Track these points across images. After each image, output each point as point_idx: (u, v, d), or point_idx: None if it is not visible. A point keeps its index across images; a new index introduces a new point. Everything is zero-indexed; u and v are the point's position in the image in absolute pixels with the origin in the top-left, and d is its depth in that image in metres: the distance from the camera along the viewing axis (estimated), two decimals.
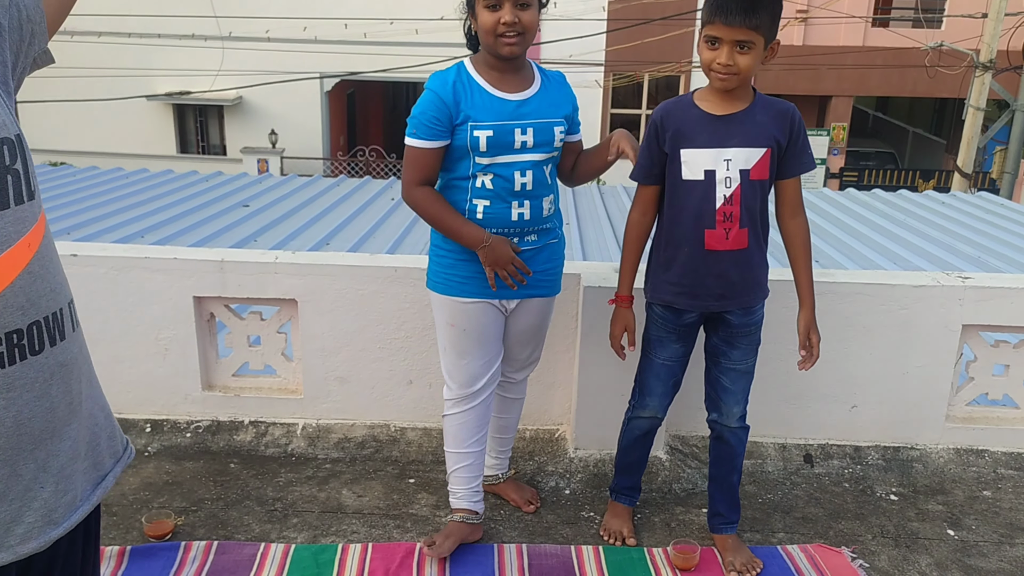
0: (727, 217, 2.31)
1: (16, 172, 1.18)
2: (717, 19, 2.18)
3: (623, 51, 15.73)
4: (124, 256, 3.19)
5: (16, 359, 1.15)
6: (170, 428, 3.27)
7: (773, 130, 2.31)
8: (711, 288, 2.39)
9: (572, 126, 2.51)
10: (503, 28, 2.23)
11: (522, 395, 2.83)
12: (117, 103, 16.56)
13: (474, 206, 2.38)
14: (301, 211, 6.67)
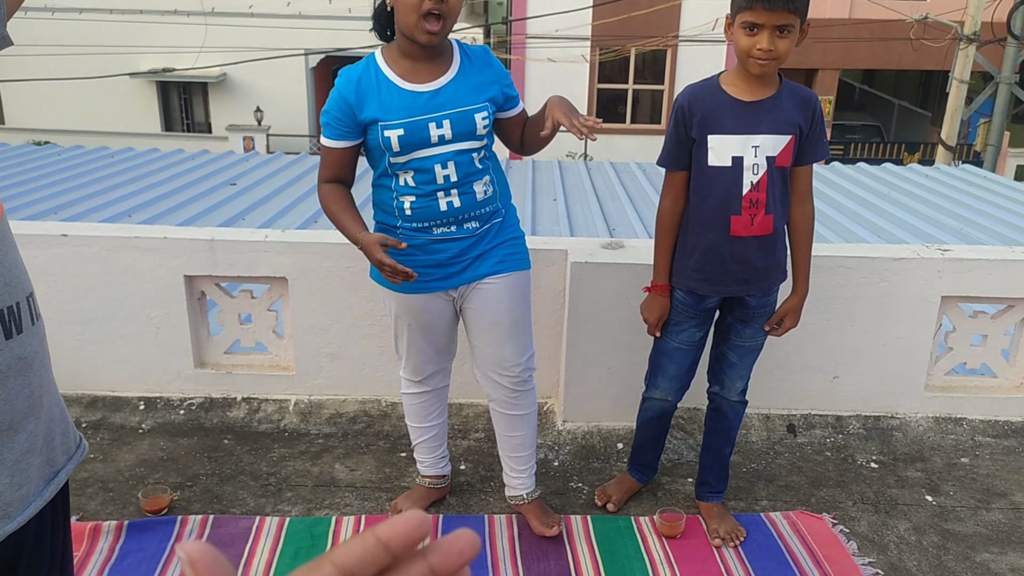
0: (753, 203, 2.30)
1: None
2: (759, 4, 2.12)
3: (609, 26, 15.67)
4: (114, 236, 3.21)
5: None
6: (163, 405, 3.31)
7: (797, 117, 2.30)
8: (734, 273, 2.39)
9: (506, 103, 2.32)
10: (429, 5, 2.03)
11: (528, 409, 2.55)
12: (100, 81, 16.40)
13: (401, 203, 2.28)
14: (288, 189, 6.66)
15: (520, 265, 2.41)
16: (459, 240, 2.31)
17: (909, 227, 5.72)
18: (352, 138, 2.25)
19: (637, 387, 3.12)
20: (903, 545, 2.66)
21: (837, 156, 17.25)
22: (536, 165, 7.64)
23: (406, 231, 2.31)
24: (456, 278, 2.35)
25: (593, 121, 2.08)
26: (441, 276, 2.34)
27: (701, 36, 15.60)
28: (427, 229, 2.29)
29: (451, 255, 2.32)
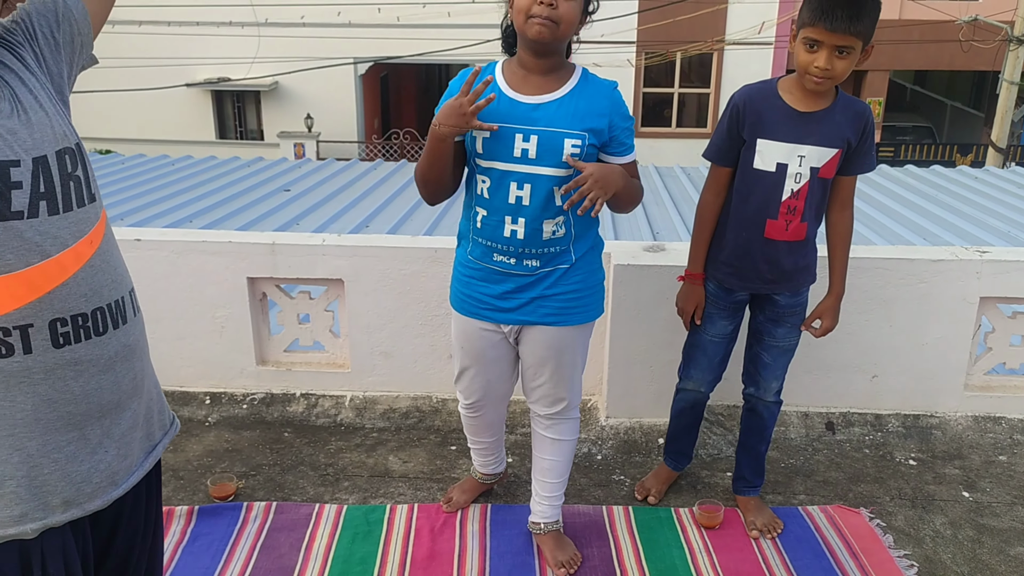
0: (791, 210, 2.37)
1: (77, 178, 1.35)
2: (820, 23, 2.15)
3: (655, 30, 15.72)
4: (183, 240, 3.41)
5: (82, 338, 1.33)
6: (228, 400, 3.51)
7: (847, 131, 2.33)
8: (763, 273, 2.47)
9: (611, 143, 2.19)
10: (539, 9, 2.00)
11: (563, 437, 2.52)
12: (158, 91, 16.93)
13: (475, 213, 2.25)
14: (340, 194, 6.89)
15: (581, 319, 2.34)
16: (515, 276, 2.25)
17: (955, 229, 5.72)
18: None
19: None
20: (939, 539, 2.73)
21: (887, 158, 17.06)
22: None
23: (474, 251, 2.30)
24: (509, 315, 2.30)
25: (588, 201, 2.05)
26: (494, 307, 2.31)
27: (747, 39, 15.57)
28: (489, 252, 2.25)
29: (507, 289, 2.27)
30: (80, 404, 1.35)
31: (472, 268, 2.32)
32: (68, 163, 1.34)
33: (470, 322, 2.38)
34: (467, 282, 2.34)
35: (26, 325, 1.27)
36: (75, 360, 1.33)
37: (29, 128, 1.30)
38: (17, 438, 1.31)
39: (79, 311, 1.33)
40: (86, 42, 1.51)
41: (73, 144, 1.38)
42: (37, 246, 1.27)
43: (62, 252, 1.30)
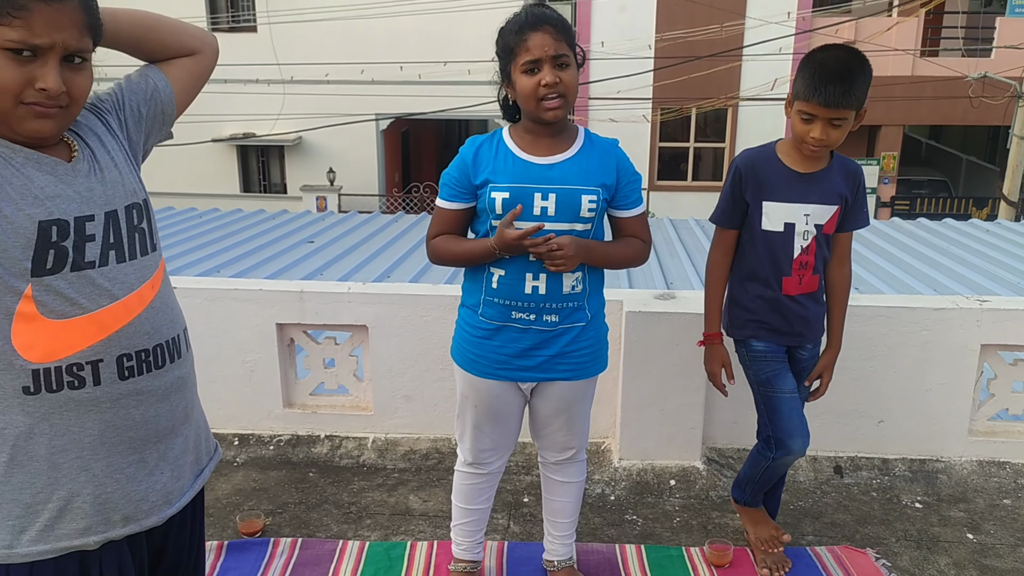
0: (803, 266, 2.51)
1: (143, 230, 1.53)
2: (815, 100, 2.29)
3: (670, 86, 16.07)
4: (216, 288, 3.60)
5: (144, 371, 1.50)
6: (255, 441, 3.65)
7: (843, 189, 2.50)
8: (793, 326, 2.58)
9: (620, 198, 2.31)
10: (544, 90, 2.14)
11: (573, 479, 2.60)
12: (185, 146, 17.40)
13: (491, 274, 2.29)
14: (363, 246, 7.09)
15: (596, 371, 2.44)
16: (535, 332, 2.30)
17: (963, 279, 5.83)
18: (465, 200, 2.30)
19: (688, 428, 3.36)
20: None
21: (903, 211, 17.19)
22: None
23: (487, 311, 2.32)
24: (529, 372, 2.35)
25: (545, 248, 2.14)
26: (514, 366, 2.34)
27: (760, 95, 15.86)
28: (507, 310, 2.29)
29: (526, 347, 2.32)
30: (140, 429, 1.51)
31: (486, 328, 2.33)
32: (135, 216, 1.52)
33: (485, 382, 2.38)
34: (480, 342, 2.35)
35: (97, 360, 1.44)
36: (137, 390, 1.49)
37: (103, 185, 1.48)
38: (85, 459, 1.46)
39: (142, 347, 1.49)
40: (167, 121, 1.72)
41: (141, 200, 1.56)
42: (107, 291, 1.44)
43: (128, 295, 1.47)
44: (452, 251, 2.32)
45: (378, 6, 16.54)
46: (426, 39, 17.10)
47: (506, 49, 2.21)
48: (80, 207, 1.43)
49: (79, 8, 1.39)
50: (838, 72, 2.28)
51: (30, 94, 1.35)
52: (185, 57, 1.73)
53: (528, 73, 2.16)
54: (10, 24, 1.31)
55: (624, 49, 15.94)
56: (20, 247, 1.36)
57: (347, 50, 17.35)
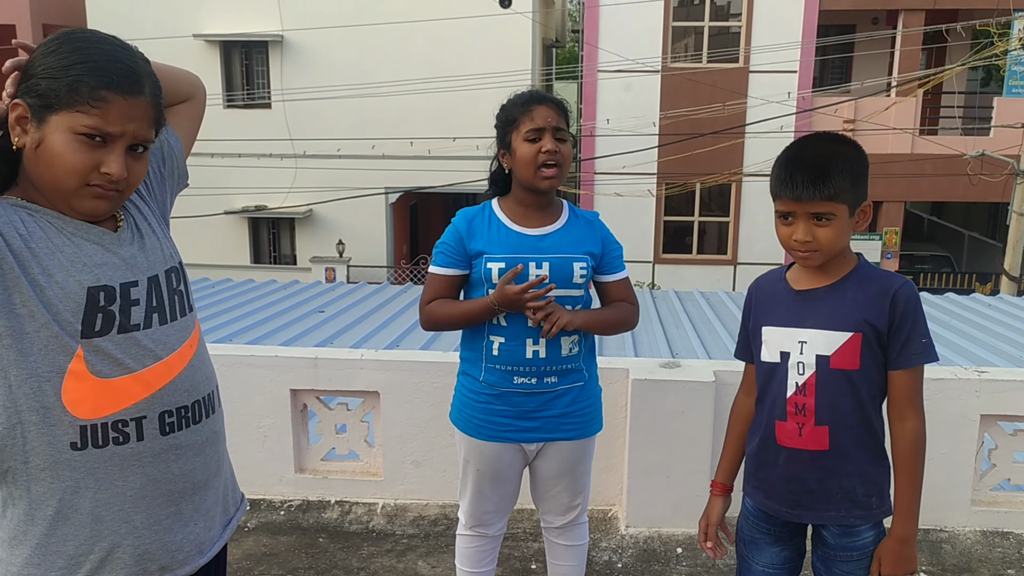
0: (799, 409, 1.96)
1: (181, 292, 1.64)
2: (785, 194, 1.90)
3: (674, 162, 16.40)
4: (233, 354, 3.70)
5: (183, 427, 1.59)
6: (267, 507, 3.70)
7: (865, 311, 1.91)
8: (784, 492, 2.01)
9: (604, 264, 2.46)
10: (544, 156, 2.29)
11: (577, 542, 2.64)
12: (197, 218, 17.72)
13: (490, 343, 2.38)
14: (372, 316, 7.20)
15: (595, 430, 2.53)
16: (537, 394, 2.39)
17: (965, 352, 5.90)
18: (459, 267, 2.41)
19: (694, 495, 3.40)
20: None
21: None
22: None
23: (488, 377, 2.40)
24: (532, 434, 2.42)
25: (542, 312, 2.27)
26: (517, 428, 2.41)
27: (763, 172, 16.16)
28: (508, 376, 2.38)
29: (528, 409, 2.39)
30: (178, 483, 1.59)
31: (488, 394, 2.41)
32: (174, 280, 1.63)
33: (490, 445, 2.44)
34: (483, 407, 2.42)
35: (141, 417, 1.52)
36: (177, 445, 1.58)
37: (144, 252, 1.60)
38: (127, 512, 1.53)
39: (182, 404, 1.58)
40: (182, 172, 1.83)
41: (177, 263, 1.67)
42: (151, 351, 1.54)
43: (170, 355, 1.57)
44: (449, 313, 2.41)
45: (390, 84, 17.06)
46: (435, 116, 17.57)
47: (508, 120, 2.38)
48: (124, 274, 1.53)
49: (151, 104, 1.50)
50: (810, 160, 1.89)
51: (94, 176, 1.46)
52: (182, 104, 1.82)
53: (530, 141, 2.32)
54: (88, 112, 1.43)
55: (629, 126, 16.33)
56: (71, 311, 1.46)
57: (358, 126, 17.81)
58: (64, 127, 1.43)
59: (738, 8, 17.11)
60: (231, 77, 18.95)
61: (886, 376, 1.93)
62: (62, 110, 1.42)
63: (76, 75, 1.42)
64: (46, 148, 1.44)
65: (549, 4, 20.32)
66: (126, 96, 1.45)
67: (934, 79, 15.09)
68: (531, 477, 2.59)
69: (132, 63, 1.48)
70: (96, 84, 1.43)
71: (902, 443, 1.94)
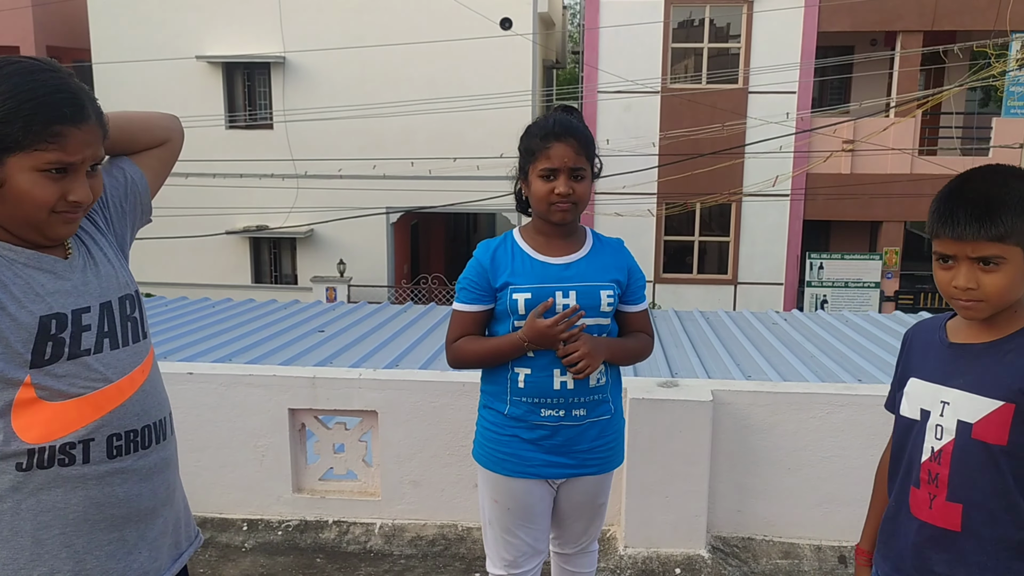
0: (932, 478, 1.70)
1: (135, 319, 1.64)
2: (943, 232, 1.63)
3: (674, 182, 16.45)
4: (231, 374, 3.70)
5: (131, 451, 1.57)
6: (264, 527, 3.69)
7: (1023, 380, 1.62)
8: (910, 567, 1.77)
9: (628, 294, 2.40)
10: (556, 198, 2.25)
11: (587, 569, 2.61)
12: (198, 238, 17.78)
13: (515, 375, 2.31)
14: (373, 335, 7.20)
15: (617, 462, 2.48)
16: (565, 427, 2.31)
17: None
18: (485, 302, 2.34)
19: (692, 515, 3.40)
20: None
21: (907, 305, 17.31)
22: None
23: (514, 411, 2.33)
24: (562, 469, 2.35)
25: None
26: (546, 463, 2.34)
27: (763, 191, 16.22)
28: (535, 408, 2.30)
29: (557, 443, 2.32)
30: (122, 507, 1.56)
31: (513, 428, 2.33)
32: (128, 307, 1.63)
33: (517, 482, 2.35)
34: (508, 441, 2.34)
35: (88, 439, 1.52)
36: (123, 469, 1.56)
37: (99, 278, 1.60)
38: (67, 535, 1.52)
39: (131, 427, 1.58)
40: (145, 208, 1.83)
41: (133, 291, 1.67)
42: (101, 374, 1.54)
43: (121, 379, 1.57)
44: (477, 351, 2.34)
45: (391, 105, 17.14)
46: (437, 136, 17.65)
47: (528, 151, 2.31)
48: (76, 300, 1.54)
49: (97, 123, 1.53)
50: (976, 194, 1.63)
51: (61, 204, 1.49)
52: (156, 148, 1.84)
53: (544, 179, 2.26)
54: (47, 149, 1.45)
55: (629, 146, 16.39)
56: (22, 341, 1.46)
57: (360, 146, 17.89)
58: (26, 167, 1.45)
59: (737, 29, 17.23)
60: (233, 98, 19.05)
61: None
62: (19, 151, 1.44)
63: (27, 115, 1.43)
64: (11, 189, 1.46)
65: (550, 25, 20.47)
66: (78, 125, 1.48)
67: (933, 99, 15.16)
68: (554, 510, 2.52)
69: (71, 87, 1.50)
70: (49, 120, 1.44)
71: None
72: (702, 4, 17.13)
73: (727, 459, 3.49)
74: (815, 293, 17.22)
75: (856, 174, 16.63)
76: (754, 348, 6.33)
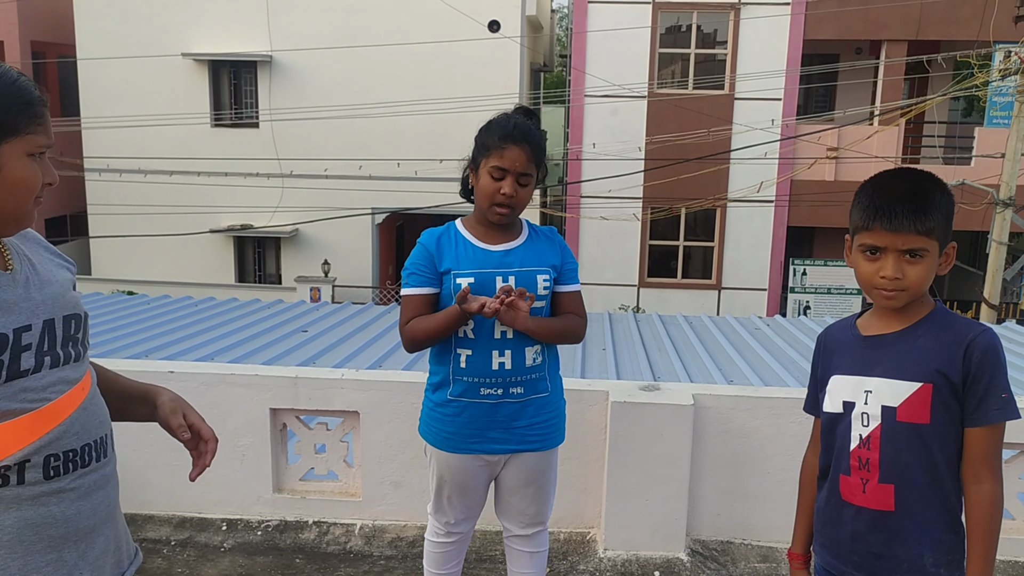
0: (863, 464, 1.83)
1: (76, 338, 1.59)
2: (878, 224, 1.76)
3: (660, 187, 16.50)
4: (213, 373, 3.68)
5: (69, 470, 1.51)
6: (243, 527, 3.67)
7: (937, 360, 1.76)
8: (848, 551, 1.87)
9: (561, 276, 2.57)
10: (500, 198, 2.41)
11: (540, 548, 2.74)
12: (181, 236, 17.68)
13: (458, 355, 2.47)
14: (356, 336, 7.19)
15: (559, 440, 2.62)
16: (504, 405, 2.47)
17: None
18: (432, 285, 2.49)
19: (672, 519, 3.41)
20: None
21: None
22: (588, 317, 8.10)
23: (456, 390, 2.49)
24: (499, 445, 2.50)
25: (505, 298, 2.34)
26: (487, 439, 2.50)
27: (747, 197, 16.30)
28: (475, 387, 2.46)
29: (495, 420, 2.48)
30: (60, 527, 1.51)
31: (455, 407, 2.50)
32: (72, 326, 1.58)
33: (459, 457, 2.53)
34: (451, 420, 2.51)
35: (24, 461, 1.46)
36: (60, 489, 1.50)
37: (42, 294, 1.55)
38: (1, 558, 1.45)
39: (70, 447, 1.52)
40: None
41: (82, 312, 1.62)
42: (40, 394, 1.49)
43: (60, 397, 1.52)
44: (426, 327, 2.46)
45: (378, 106, 17.11)
46: (423, 137, 17.63)
47: (484, 146, 2.46)
48: (17, 318, 1.48)
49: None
50: (908, 190, 1.78)
51: (40, 190, 1.50)
52: None
53: (493, 178, 2.43)
54: (37, 132, 1.47)
55: (615, 150, 16.44)
56: None
57: (346, 146, 17.85)
58: (20, 152, 1.46)
59: (724, 36, 17.32)
60: (219, 96, 18.97)
61: (956, 431, 1.77)
62: (15, 136, 1.45)
63: (23, 100, 1.46)
64: (7, 177, 1.45)
65: (537, 29, 20.52)
66: (47, 106, 1.52)
67: (916, 108, 15.29)
68: (496, 488, 2.67)
69: (22, 76, 1.51)
70: (34, 102, 1.48)
71: (976, 508, 1.77)
72: (690, 10, 17.21)
73: (707, 463, 3.50)
74: (798, 299, 17.32)
75: (840, 181, 16.71)
76: (737, 353, 6.37)
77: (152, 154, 17.99)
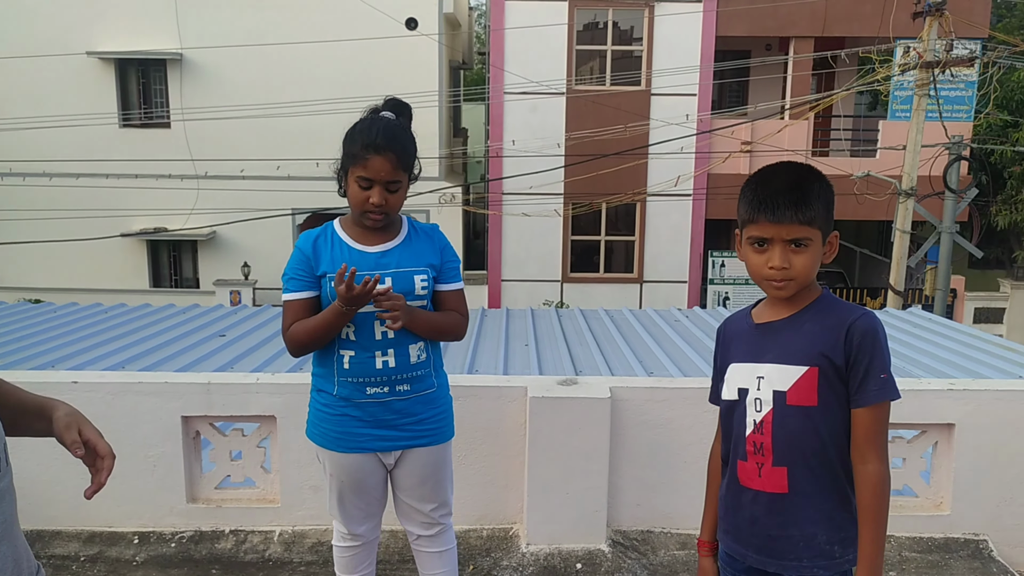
0: (757, 449, 1.89)
1: None
2: (763, 217, 1.83)
3: (580, 182, 16.65)
4: (119, 382, 3.56)
5: None
6: (156, 539, 3.56)
7: (821, 344, 1.84)
8: (747, 535, 1.94)
9: (441, 275, 2.56)
10: (370, 207, 2.39)
11: (447, 546, 2.73)
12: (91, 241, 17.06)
13: (341, 356, 2.47)
14: (276, 339, 7.04)
15: (449, 435, 2.64)
16: (392, 402, 2.49)
17: None
18: (311, 289, 2.48)
19: (592, 511, 3.44)
20: None
21: None
22: (510, 313, 8.12)
23: (342, 391, 2.48)
24: (389, 443, 2.52)
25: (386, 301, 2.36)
26: (374, 437, 2.50)
27: (666, 191, 16.59)
28: (361, 387, 2.46)
29: (383, 418, 2.49)
30: None
31: (341, 407, 2.50)
32: None
33: (348, 457, 2.53)
34: (338, 420, 2.50)
35: None
36: None
37: None
38: None
39: None
40: None
41: None
42: None
43: None
44: (307, 329, 2.43)
45: (295, 104, 16.81)
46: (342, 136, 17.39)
47: (349, 154, 2.42)
48: None
49: None
50: (788, 183, 1.85)
51: None
52: None
53: (360, 187, 2.40)
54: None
55: (536, 147, 16.52)
56: None
57: (263, 146, 17.48)
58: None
59: (640, 33, 17.57)
60: (127, 96, 18.36)
61: (843, 412, 1.84)
62: None
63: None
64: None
65: (456, 26, 20.45)
66: None
67: (823, 103, 15.79)
68: (393, 491, 2.67)
69: None
70: None
71: (863, 488, 1.83)
72: (605, 6, 17.41)
73: (626, 454, 3.55)
74: (717, 290, 17.72)
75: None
76: (656, 345, 6.47)
77: (58, 156, 17.31)
